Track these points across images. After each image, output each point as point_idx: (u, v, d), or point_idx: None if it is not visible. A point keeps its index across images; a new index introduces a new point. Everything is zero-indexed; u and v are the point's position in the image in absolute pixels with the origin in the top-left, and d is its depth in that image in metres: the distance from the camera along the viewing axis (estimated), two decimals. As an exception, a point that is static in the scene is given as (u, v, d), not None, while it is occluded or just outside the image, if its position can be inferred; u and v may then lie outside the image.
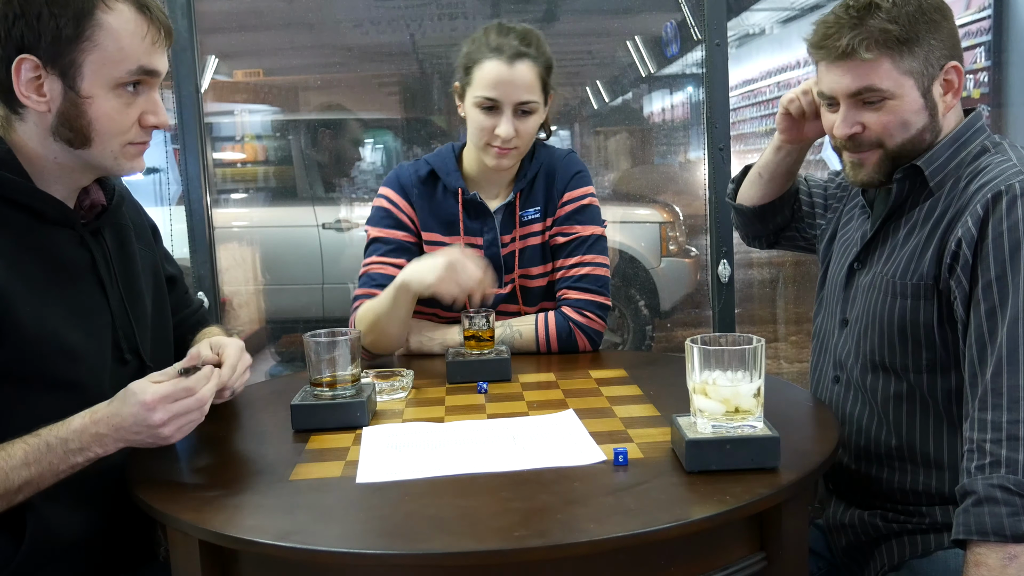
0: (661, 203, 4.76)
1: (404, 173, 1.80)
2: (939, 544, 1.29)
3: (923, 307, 1.27)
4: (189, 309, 1.55)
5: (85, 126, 1.17)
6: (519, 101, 1.66)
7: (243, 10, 4.23)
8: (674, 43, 4.62)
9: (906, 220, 1.34)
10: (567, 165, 1.81)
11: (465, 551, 0.90)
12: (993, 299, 1.17)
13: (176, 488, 1.12)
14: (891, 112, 1.29)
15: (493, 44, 1.67)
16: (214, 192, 4.28)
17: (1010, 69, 3.21)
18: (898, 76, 1.27)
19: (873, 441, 1.36)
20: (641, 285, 4.47)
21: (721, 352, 1.06)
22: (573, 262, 1.76)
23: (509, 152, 1.70)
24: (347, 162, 4.75)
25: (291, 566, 0.98)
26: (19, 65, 1.13)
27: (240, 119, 4.90)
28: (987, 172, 1.25)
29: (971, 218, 1.20)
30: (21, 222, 1.18)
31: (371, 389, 1.37)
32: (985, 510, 1.09)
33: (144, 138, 1.23)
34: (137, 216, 1.43)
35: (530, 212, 1.79)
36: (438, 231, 1.77)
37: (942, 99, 1.30)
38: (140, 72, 1.17)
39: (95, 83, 1.15)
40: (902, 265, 1.31)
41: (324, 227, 4.41)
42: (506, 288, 1.79)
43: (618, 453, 1.09)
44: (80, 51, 1.14)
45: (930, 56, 1.28)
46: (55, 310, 1.18)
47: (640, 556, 0.97)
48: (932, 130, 1.31)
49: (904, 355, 1.30)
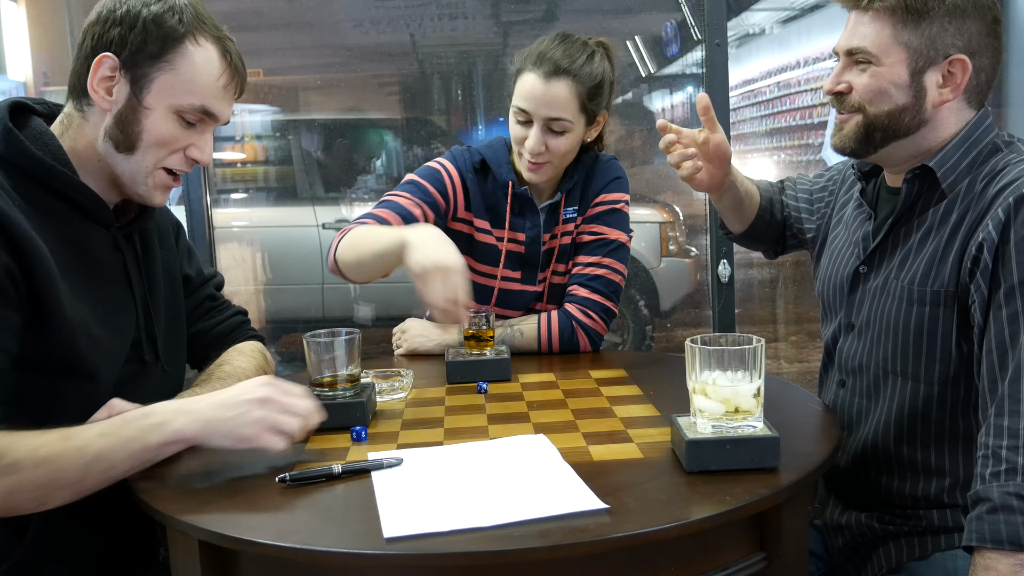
0: (661, 203, 4.76)
1: (460, 157, 1.80)
2: (936, 546, 1.28)
3: (942, 315, 1.24)
4: (215, 319, 1.52)
5: (136, 133, 1.22)
6: (549, 117, 1.65)
7: (243, 10, 4.23)
8: (674, 43, 4.62)
9: (919, 223, 1.30)
10: (608, 169, 1.81)
11: (465, 551, 0.90)
12: (1016, 304, 1.13)
13: (176, 488, 1.12)
14: (873, 77, 1.27)
15: (538, 56, 1.65)
16: (214, 192, 4.28)
17: (1010, 69, 3.21)
18: (891, 44, 1.25)
19: (876, 447, 1.34)
20: (641, 285, 4.47)
21: (721, 352, 1.06)
22: (591, 261, 1.76)
23: (540, 167, 1.70)
24: (349, 163, 4.75)
25: (291, 566, 0.98)
26: (100, 61, 1.19)
27: (240, 119, 4.90)
28: (1005, 174, 1.21)
29: (992, 222, 1.17)
30: (64, 215, 1.22)
31: (371, 389, 1.37)
32: (1000, 518, 1.07)
33: (181, 168, 1.27)
34: (163, 219, 1.46)
35: (569, 211, 1.80)
36: (486, 219, 1.78)
37: (938, 89, 1.26)
38: (202, 111, 1.24)
39: (158, 100, 1.21)
40: (920, 271, 1.27)
41: (324, 227, 4.41)
42: (539, 286, 1.80)
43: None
44: (157, 68, 1.21)
45: (938, 39, 1.23)
46: (87, 304, 1.21)
47: (640, 556, 0.97)
48: (915, 115, 1.27)
49: (917, 364, 1.28)
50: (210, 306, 1.52)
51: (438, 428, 1.29)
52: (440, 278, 1.37)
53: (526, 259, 1.80)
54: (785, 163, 6.98)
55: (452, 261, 1.38)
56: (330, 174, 4.75)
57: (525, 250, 1.78)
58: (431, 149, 4.64)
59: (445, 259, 1.38)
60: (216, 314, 1.52)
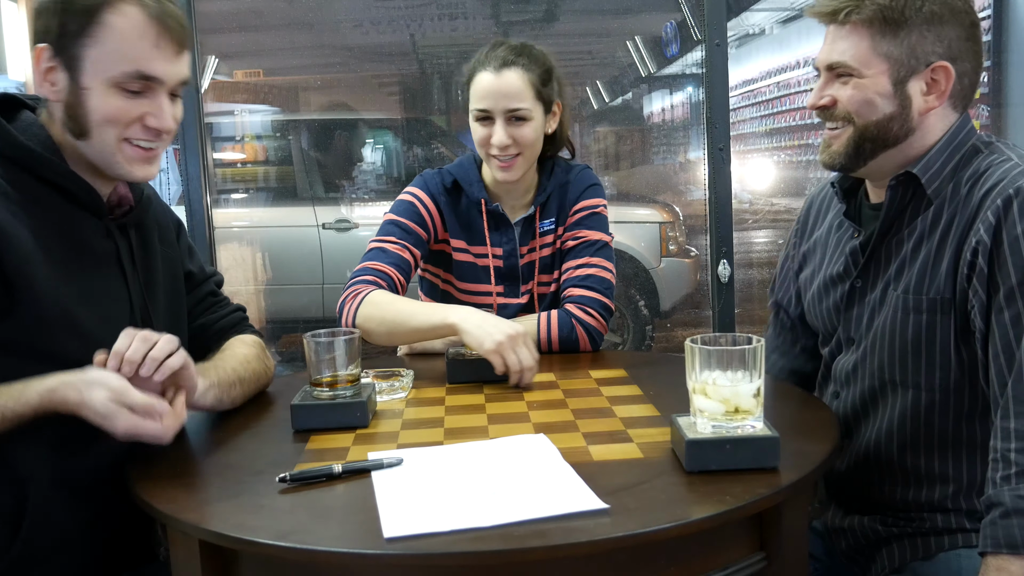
0: (661, 203, 4.76)
1: (431, 180, 1.83)
2: (940, 547, 1.28)
3: (940, 322, 1.23)
4: (216, 314, 1.52)
5: (83, 115, 1.20)
6: (509, 108, 1.70)
7: (243, 10, 4.24)
8: (674, 43, 4.63)
9: (910, 232, 1.29)
10: (581, 179, 1.85)
11: (465, 551, 0.90)
12: (1018, 306, 1.13)
13: (176, 488, 1.12)
14: (857, 88, 1.26)
15: (484, 57, 1.72)
16: (214, 192, 4.28)
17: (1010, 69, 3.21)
18: (871, 56, 1.24)
19: (878, 454, 1.33)
20: (641, 285, 4.47)
21: (721, 352, 1.06)
22: (579, 263, 1.79)
23: (512, 163, 1.73)
24: (350, 163, 4.75)
25: (291, 566, 0.98)
26: (38, 54, 1.19)
27: (240, 119, 4.91)
28: (989, 176, 1.21)
29: (983, 226, 1.16)
30: (52, 201, 1.22)
31: (371, 389, 1.37)
32: (1014, 522, 1.06)
33: (146, 138, 1.24)
34: (163, 215, 1.45)
35: (546, 223, 1.84)
36: (464, 238, 1.82)
37: (923, 97, 1.25)
38: (138, 76, 1.19)
39: (93, 77, 1.19)
40: (915, 279, 1.26)
41: (324, 227, 4.42)
42: (524, 298, 1.83)
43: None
44: (83, 46, 1.18)
45: (917, 48, 1.23)
46: (72, 290, 1.20)
47: (640, 556, 0.97)
48: (903, 124, 1.26)
49: (917, 372, 1.27)
50: (212, 301, 1.52)
51: (438, 428, 1.29)
52: (520, 343, 1.47)
53: (505, 273, 1.83)
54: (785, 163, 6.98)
55: (521, 327, 1.49)
56: (330, 174, 4.76)
57: (504, 264, 1.82)
58: (431, 149, 4.65)
59: (515, 327, 1.48)
60: (218, 309, 1.52)
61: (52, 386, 1.12)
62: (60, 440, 1.18)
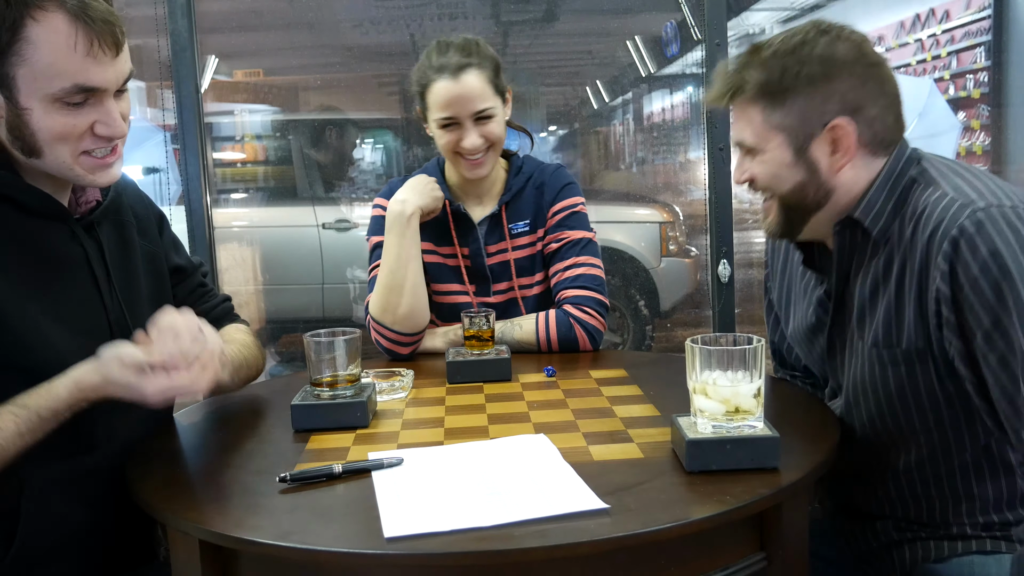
0: (661, 203, 4.76)
1: (397, 186, 1.83)
2: (954, 551, 1.26)
3: (920, 371, 1.21)
4: (208, 304, 1.52)
5: (30, 136, 1.13)
6: (475, 111, 1.70)
7: (243, 10, 4.24)
8: (674, 43, 4.63)
9: (864, 276, 1.26)
10: (556, 179, 1.85)
11: (465, 551, 0.90)
12: (999, 347, 1.10)
13: (176, 488, 1.12)
14: (762, 163, 1.26)
15: (436, 64, 1.71)
16: (214, 192, 4.28)
17: (1010, 69, 3.22)
18: (765, 130, 1.23)
19: (897, 489, 1.31)
20: (641, 285, 4.47)
21: (721, 352, 1.06)
22: (567, 264, 1.79)
23: (484, 160, 1.74)
24: (350, 163, 4.75)
25: (291, 566, 0.98)
26: None
27: (240, 119, 4.91)
28: (929, 215, 1.16)
29: (938, 274, 1.13)
30: (5, 214, 1.18)
31: (371, 389, 1.37)
32: None
33: (99, 147, 1.17)
34: (142, 209, 1.42)
35: (519, 225, 1.83)
36: (431, 241, 1.82)
37: (829, 157, 1.22)
38: (77, 90, 1.11)
39: (30, 97, 1.11)
40: (881, 330, 1.23)
41: (324, 227, 4.41)
42: (498, 297, 1.83)
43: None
44: (12, 65, 1.09)
45: (807, 112, 1.20)
46: (40, 306, 1.18)
47: (640, 556, 0.97)
48: (817, 188, 1.24)
49: (909, 418, 1.24)
50: (202, 292, 1.52)
51: (438, 428, 1.29)
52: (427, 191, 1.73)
53: (474, 272, 1.83)
54: (785, 163, 6.97)
55: (407, 186, 1.75)
56: (330, 174, 4.75)
57: (472, 263, 1.82)
58: (431, 149, 4.63)
59: (406, 188, 1.74)
60: (210, 299, 1.53)
61: (75, 377, 1.12)
62: (60, 441, 1.17)
